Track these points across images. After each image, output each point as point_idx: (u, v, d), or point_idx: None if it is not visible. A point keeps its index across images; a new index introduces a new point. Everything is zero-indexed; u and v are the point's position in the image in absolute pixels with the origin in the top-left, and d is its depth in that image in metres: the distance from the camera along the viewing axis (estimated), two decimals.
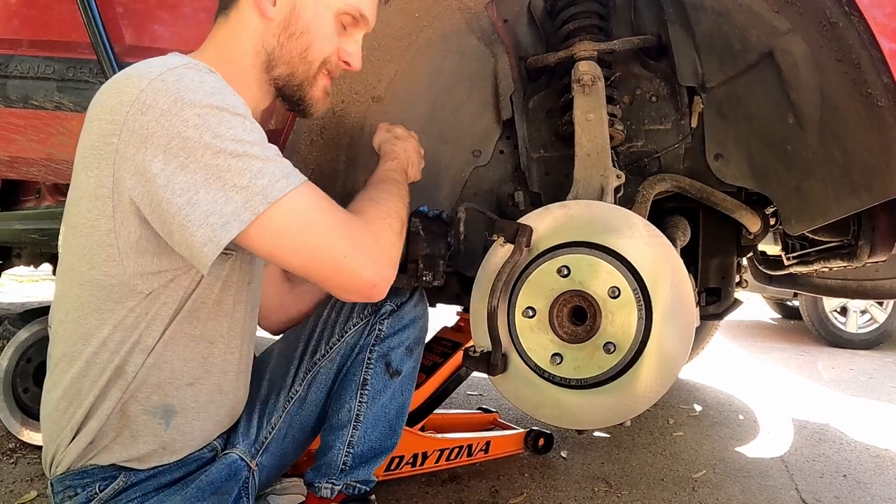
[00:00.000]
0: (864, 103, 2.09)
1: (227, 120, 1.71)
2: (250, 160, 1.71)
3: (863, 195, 2.28)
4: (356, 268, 1.87)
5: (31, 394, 4.10)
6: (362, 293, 1.93)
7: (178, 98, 1.67)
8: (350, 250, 1.86)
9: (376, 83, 2.73)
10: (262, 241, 1.76)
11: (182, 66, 1.76)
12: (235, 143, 1.70)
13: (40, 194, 4.85)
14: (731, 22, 2.42)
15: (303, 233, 1.79)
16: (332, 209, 1.89)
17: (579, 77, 2.48)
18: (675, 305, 2.13)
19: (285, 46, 2.06)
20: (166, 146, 1.66)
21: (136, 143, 1.68)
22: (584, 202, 2.32)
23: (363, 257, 1.88)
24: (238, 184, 1.69)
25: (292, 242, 1.79)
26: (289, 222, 1.77)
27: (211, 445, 2.23)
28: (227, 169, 1.68)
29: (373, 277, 1.91)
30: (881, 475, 4.09)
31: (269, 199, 1.71)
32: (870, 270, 4.05)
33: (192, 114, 1.67)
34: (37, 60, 2.59)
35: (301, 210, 1.79)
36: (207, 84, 1.74)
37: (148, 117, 1.67)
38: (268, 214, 1.72)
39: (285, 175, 1.77)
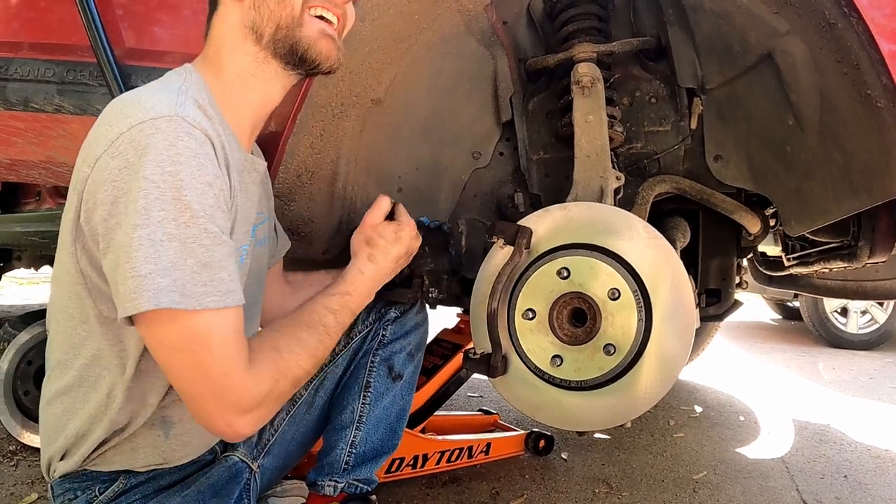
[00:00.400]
0: (864, 104, 2.09)
1: (167, 202, 1.63)
2: (164, 249, 1.62)
3: (863, 196, 2.28)
4: (212, 416, 1.76)
5: (32, 396, 4.10)
6: (214, 432, 1.83)
7: (142, 156, 1.63)
8: (216, 404, 1.75)
9: (376, 85, 2.72)
10: (146, 336, 1.71)
11: (165, 118, 1.69)
12: (159, 227, 1.61)
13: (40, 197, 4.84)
14: (731, 23, 2.42)
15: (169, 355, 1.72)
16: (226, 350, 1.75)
17: (579, 79, 2.49)
18: (675, 307, 2.13)
19: (261, 8, 2.01)
20: (114, 201, 1.64)
21: (98, 182, 1.67)
22: (584, 204, 2.32)
23: (227, 411, 1.75)
24: (138, 270, 1.60)
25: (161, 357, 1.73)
26: (163, 335, 1.69)
27: (212, 449, 2.24)
28: (136, 248, 1.60)
29: (225, 430, 1.79)
30: (882, 476, 4.10)
31: (153, 304, 1.60)
32: (870, 271, 4.05)
33: (147, 182, 1.62)
34: (37, 63, 2.59)
35: (185, 332, 1.68)
36: (177, 148, 1.67)
37: (113, 164, 1.65)
38: (148, 316, 1.64)
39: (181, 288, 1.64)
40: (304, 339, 2.00)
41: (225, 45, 2.04)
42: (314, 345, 2.02)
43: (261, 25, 2.03)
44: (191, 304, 1.63)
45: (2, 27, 2.64)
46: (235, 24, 2.03)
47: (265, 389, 1.79)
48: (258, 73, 2.06)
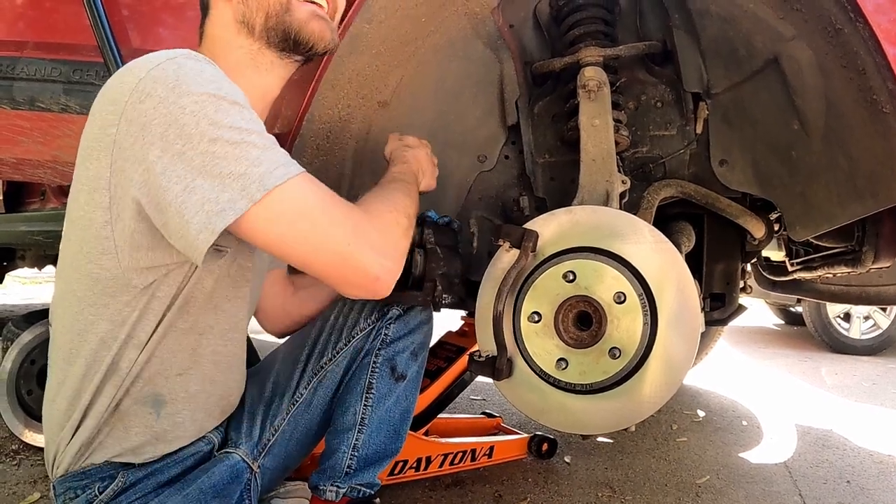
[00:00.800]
0: (869, 109, 2.09)
1: (225, 108, 1.70)
2: (248, 148, 1.70)
3: (868, 201, 2.28)
4: (359, 259, 1.85)
5: (35, 396, 4.10)
6: (366, 287, 1.91)
7: (175, 86, 1.67)
8: (352, 241, 1.84)
9: (382, 88, 2.73)
10: (259, 231, 1.75)
11: (182, 56, 1.76)
12: (232, 132, 1.69)
13: (45, 196, 4.86)
14: (737, 28, 2.42)
15: (301, 222, 1.78)
16: (333, 199, 1.87)
17: (585, 82, 2.49)
18: (681, 311, 2.13)
19: (249, 1, 2.07)
20: (163, 134, 1.66)
21: (133, 131, 1.69)
22: (590, 207, 2.32)
23: (367, 249, 1.86)
24: (235, 171, 1.67)
25: (290, 232, 1.77)
26: (286, 211, 1.75)
27: (207, 438, 2.23)
28: (223, 156, 1.67)
29: (376, 270, 1.88)
30: (884, 481, 4.09)
31: (266, 186, 1.69)
32: (873, 276, 4.05)
33: (190, 101, 1.66)
34: (43, 63, 2.60)
35: (299, 199, 1.77)
36: (206, 73, 1.74)
37: (146, 105, 1.67)
38: (265, 202, 1.70)
39: (283, 164, 1.76)
40: (395, 188, 2.25)
41: (218, 44, 2.09)
42: (403, 188, 2.26)
43: (251, 17, 2.07)
44: (293, 170, 1.76)
45: (8, 27, 2.65)
46: (227, 22, 2.08)
47: (385, 220, 1.99)
48: (254, 66, 2.11)
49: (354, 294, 1.97)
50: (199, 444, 2.20)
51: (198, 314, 2.03)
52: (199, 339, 2.07)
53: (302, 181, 1.79)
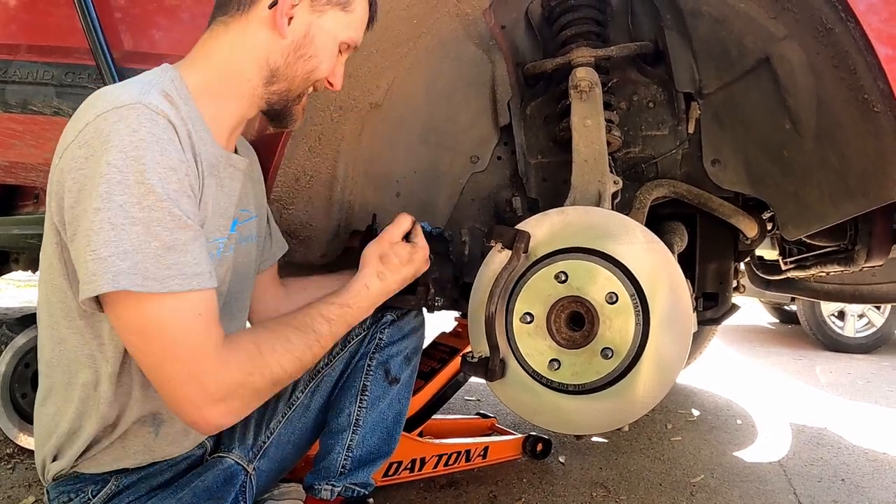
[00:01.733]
0: (861, 109, 2.10)
1: (128, 184, 1.63)
2: (126, 234, 1.62)
3: (859, 200, 2.29)
4: (181, 404, 1.75)
5: (29, 399, 4.10)
6: (185, 421, 1.80)
7: (104, 144, 1.64)
8: (185, 384, 1.73)
9: (374, 89, 2.73)
10: (112, 318, 1.72)
11: (130, 104, 1.69)
12: (119, 212, 1.61)
13: (38, 199, 4.84)
14: (728, 28, 2.42)
15: (137, 337, 1.71)
16: (191, 329, 1.74)
17: (577, 83, 2.49)
18: (673, 311, 2.13)
19: (292, 66, 2.07)
20: (81, 188, 1.65)
21: (66, 171, 1.69)
22: (582, 208, 2.32)
23: (197, 396, 1.75)
24: (99, 253, 1.61)
25: (130, 340, 1.73)
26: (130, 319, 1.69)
27: (201, 444, 2.25)
28: (97, 231, 1.61)
29: (197, 419, 1.77)
30: (879, 479, 4.10)
31: (115, 285, 1.60)
32: (867, 275, 4.06)
33: (105, 163, 1.63)
34: (35, 66, 2.59)
35: (142, 315, 1.68)
36: (136, 137, 1.67)
37: (80, 153, 1.67)
38: (111, 297, 1.66)
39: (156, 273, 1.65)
40: (291, 341, 1.99)
41: (237, 59, 2.03)
42: (301, 349, 2.00)
43: (280, 77, 2.09)
44: (154, 286, 1.64)
45: (1, 29, 2.64)
46: (260, 52, 2.04)
47: (236, 379, 1.78)
48: (248, 95, 2.08)
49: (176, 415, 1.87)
50: (192, 450, 2.21)
51: None
52: None
53: (162, 300, 1.68)
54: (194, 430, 1.96)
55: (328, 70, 2.16)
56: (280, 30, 2.01)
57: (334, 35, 2.12)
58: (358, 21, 2.18)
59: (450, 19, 2.69)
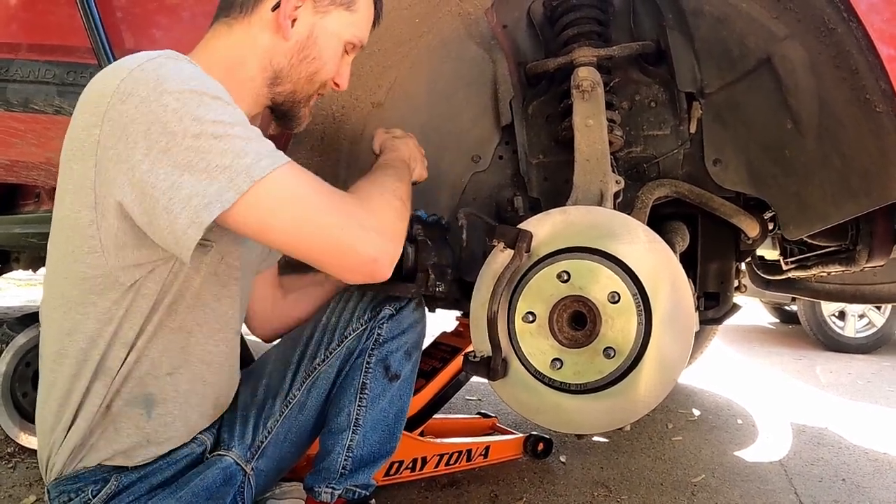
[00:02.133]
0: (863, 109, 2.10)
1: (207, 103, 1.70)
2: (232, 140, 1.70)
3: (861, 200, 2.29)
4: (353, 243, 1.85)
5: (30, 398, 4.10)
6: (362, 271, 1.90)
7: (157, 85, 1.67)
8: (345, 225, 1.84)
9: (376, 88, 2.73)
10: (249, 221, 1.75)
11: (163, 56, 1.76)
12: (216, 125, 1.69)
13: (39, 198, 4.84)
14: (730, 28, 2.42)
15: (290, 210, 1.78)
16: (321, 186, 1.87)
17: (579, 83, 2.49)
18: (675, 310, 2.14)
19: (296, 68, 2.10)
20: (146, 133, 1.66)
21: (117, 132, 1.68)
22: (584, 208, 2.32)
23: (360, 232, 1.86)
24: (221, 164, 1.67)
25: (280, 220, 1.78)
26: (275, 200, 1.75)
27: (199, 440, 2.23)
28: (208, 150, 1.67)
29: (372, 251, 1.88)
30: (879, 479, 4.10)
31: (252, 177, 1.69)
32: (868, 275, 4.05)
33: (172, 99, 1.66)
34: (37, 65, 2.59)
35: (287, 188, 1.77)
36: (186, 71, 1.74)
37: (128, 105, 1.67)
38: (252, 193, 1.70)
39: (268, 154, 1.75)
40: (385, 173, 2.25)
41: (240, 59, 2.07)
42: (394, 173, 2.26)
43: (284, 79, 2.13)
44: (279, 159, 1.77)
45: (2, 29, 2.64)
46: (263, 53, 2.08)
47: (379, 203, 1.98)
48: (251, 95, 2.12)
49: (353, 279, 1.97)
50: (191, 446, 2.19)
51: (185, 313, 2.03)
52: (188, 338, 2.08)
53: (289, 170, 1.79)
54: (375, 276, 1.97)
55: (332, 71, 2.18)
56: (283, 32, 2.03)
57: (338, 35, 2.14)
58: (363, 20, 2.20)
59: (451, 18, 2.69)
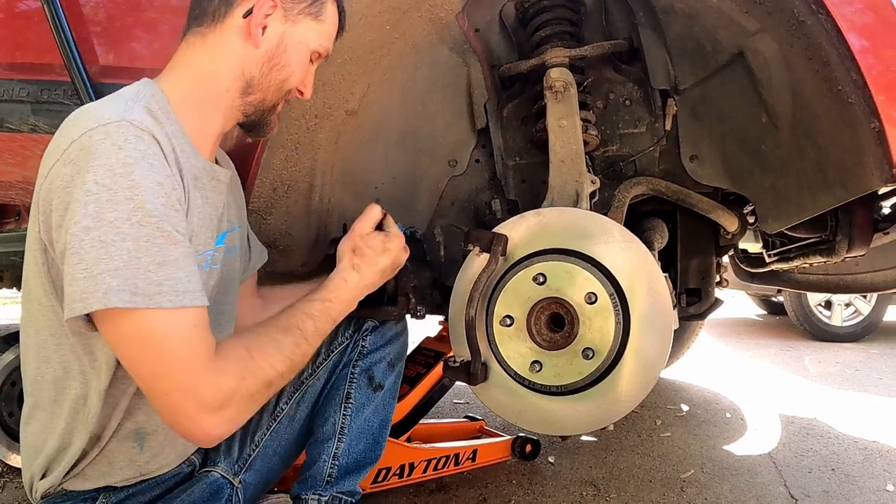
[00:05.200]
0: (835, 100, 2.10)
1: (117, 201, 1.63)
2: (115, 252, 1.61)
3: (838, 191, 2.29)
4: (182, 414, 1.74)
5: (17, 417, 4.08)
6: (184, 435, 1.80)
7: (88, 162, 1.64)
8: (183, 395, 1.72)
9: (349, 96, 2.72)
10: (105, 334, 1.71)
11: (114, 121, 1.70)
12: (109, 230, 1.61)
13: (20, 217, 4.83)
14: (701, 24, 2.43)
15: (133, 352, 1.70)
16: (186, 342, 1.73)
17: (551, 84, 2.50)
18: (653, 309, 2.14)
19: (267, 76, 2.09)
20: (66, 204, 1.65)
21: (54, 189, 1.68)
22: (558, 209, 2.33)
23: (196, 409, 1.73)
24: (89, 269, 1.60)
25: (124, 354, 1.72)
26: (122, 333, 1.68)
27: (189, 460, 2.24)
28: (87, 251, 1.61)
29: (195, 431, 1.76)
30: (869, 467, 4.11)
31: (105, 303, 1.60)
32: (850, 265, 4.07)
33: (91, 181, 1.62)
34: (11, 83, 2.59)
35: (136, 328, 1.67)
36: (122, 154, 1.67)
37: (66, 170, 1.66)
38: (102, 315, 1.65)
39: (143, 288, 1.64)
40: (280, 341, 1.97)
41: (214, 70, 2.04)
42: (290, 348, 1.99)
43: (255, 88, 2.11)
44: (144, 302, 1.63)
45: None
46: (235, 62, 2.06)
47: (231, 386, 1.77)
48: (226, 107, 2.09)
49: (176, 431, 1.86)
50: (180, 466, 2.20)
51: None
52: None
53: (153, 315, 1.67)
54: (193, 443, 1.99)
55: (299, 79, 2.17)
56: (254, 39, 2.02)
57: (306, 44, 2.14)
58: (329, 30, 2.20)
59: (423, 24, 2.69)
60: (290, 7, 2.08)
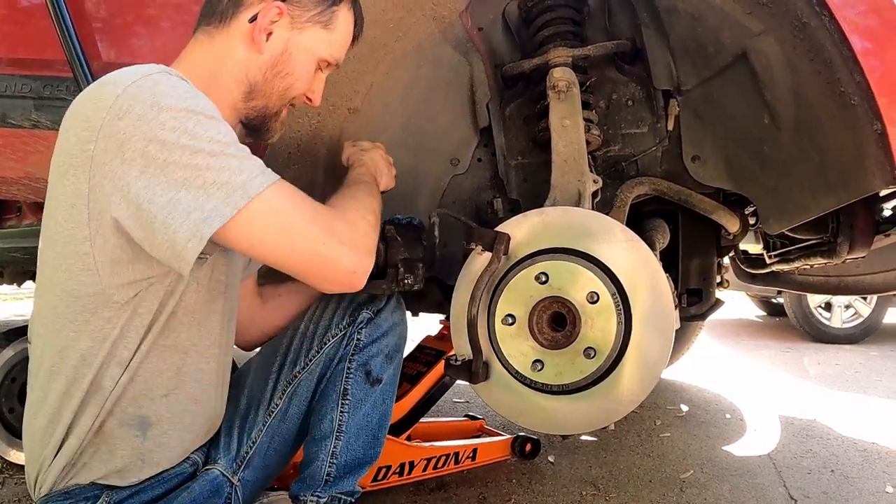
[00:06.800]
0: (838, 102, 2.10)
1: (203, 122, 1.73)
2: (227, 159, 1.74)
3: (840, 193, 2.29)
4: (334, 256, 1.93)
5: (17, 413, 4.08)
6: (341, 282, 1.99)
7: (154, 103, 1.68)
8: (326, 239, 1.90)
9: (352, 95, 2.73)
10: (243, 236, 1.79)
11: (157, 72, 1.77)
12: (212, 143, 1.72)
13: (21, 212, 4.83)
14: (705, 24, 2.42)
15: (280, 225, 1.83)
16: (307, 203, 1.92)
17: (554, 83, 2.49)
18: (654, 309, 2.14)
19: (270, 82, 2.10)
20: (144, 150, 1.67)
21: (112, 148, 1.68)
22: (561, 208, 2.33)
23: (340, 245, 1.93)
24: (217, 181, 1.71)
25: (272, 235, 1.83)
26: (268, 216, 1.80)
27: (192, 460, 2.23)
28: (206, 167, 1.70)
29: (350, 265, 1.96)
30: (868, 469, 4.11)
31: (248, 194, 1.74)
32: (851, 266, 4.07)
33: (169, 117, 1.68)
34: (13, 79, 2.59)
35: (279, 204, 1.83)
36: (181, 89, 1.76)
37: (125, 122, 1.67)
38: (248, 209, 1.74)
39: (261, 172, 1.80)
40: (358, 188, 2.32)
41: (219, 72, 2.07)
42: (366, 189, 2.32)
43: (257, 93, 2.14)
44: (271, 178, 1.83)
45: None
46: (239, 66, 2.08)
47: (352, 218, 2.04)
48: (229, 109, 2.11)
49: (332, 289, 2.07)
50: (183, 465, 2.19)
51: (180, 330, 2.03)
52: (184, 358, 2.07)
53: (279, 188, 1.83)
54: (349, 289, 2.08)
55: (304, 88, 2.19)
56: (258, 45, 2.04)
57: (312, 52, 2.15)
58: (340, 39, 2.22)
59: (426, 22, 2.69)
60: (297, 15, 2.09)
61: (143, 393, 1.99)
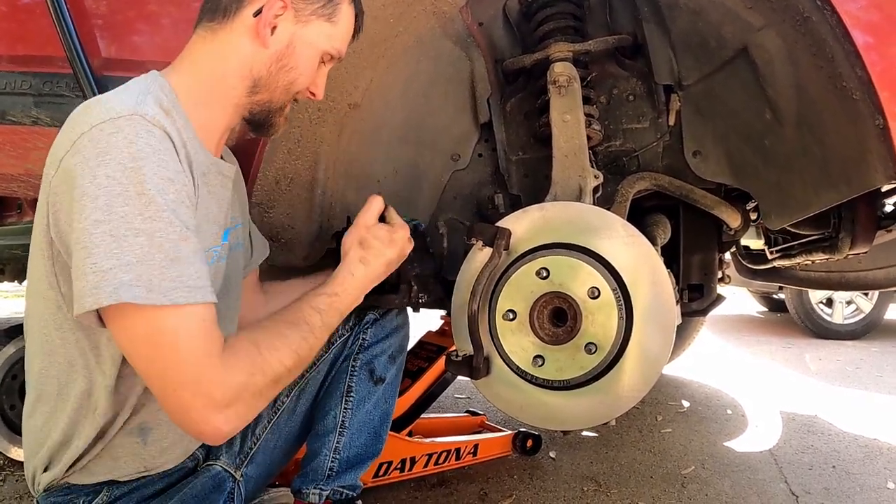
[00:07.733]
0: (840, 97, 2.09)
1: (129, 195, 1.62)
2: (127, 247, 1.60)
3: (841, 188, 2.28)
4: (191, 411, 1.70)
5: (18, 410, 4.09)
6: (193, 433, 1.77)
7: (100, 153, 1.63)
8: (192, 391, 1.69)
9: (353, 90, 2.72)
10: (112, 330, 1.69)
11: (126, 115, 1.69)
12: (120, 223, 1.60)
13: (21, 209, 4.83)
14: (706, 19, 2.41)
15: (144, 348, 1.68)
16: (195, 338, 1.72)
17: (555, 78, 2.48)
18: (656, 304, 2.13)
19: (274, 77, 2.06)
20: (77, 196, 1.62)
21: (64, 181, 1.67)
22: (562, 204, 2.32)
23: (205, 406, 1.70)
24: (98, 265, 1.59)
25: (132, 351, 1.70)
26: (134, 329, 1.66)
27: (193, 455, 2.24)
28: (97, 244, 1.59)
29: (203, 428, 1.73)
30: (869, 465, 4.11)
31: (116, 297, 1.58)
32: (853, 262, 4.06)
33: (103, 174, 1.61)
34: (13, 76, 2.58)
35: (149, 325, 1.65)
36: (134, 148, 1.66)
37: (75, 160, 1.64)
38: (112, 310, 1.62)
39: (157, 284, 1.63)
40: (287, 336, 1.95)
41: (222, 67, 2.03)
42: (297, 342, 1.96)
43: (262, 88, 2.08)
44: (158, 299, 1.61)
45: None
46: (243, 61, 2.03)
47: (240, 381, 1.74)
48: (232, 104, 2.06)
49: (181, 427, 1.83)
50: (184, 462, 2.20)
51: None
52: None
53: (165, 312, 1.65)
54: (202, 440, 1.98)
55: (307, 82, 2.15)
56: (263, 39, 2.00)
57: (316, 45, 2.11)
58: (342, 33, 2.18)
59: (426, 17, 2.68)
60: (301, 8, 2.05)
61: (140, 402, 1.98)
